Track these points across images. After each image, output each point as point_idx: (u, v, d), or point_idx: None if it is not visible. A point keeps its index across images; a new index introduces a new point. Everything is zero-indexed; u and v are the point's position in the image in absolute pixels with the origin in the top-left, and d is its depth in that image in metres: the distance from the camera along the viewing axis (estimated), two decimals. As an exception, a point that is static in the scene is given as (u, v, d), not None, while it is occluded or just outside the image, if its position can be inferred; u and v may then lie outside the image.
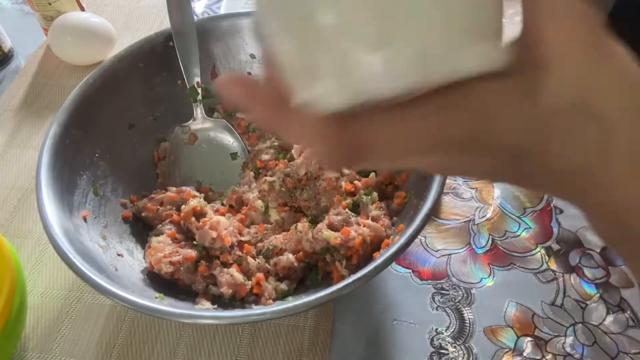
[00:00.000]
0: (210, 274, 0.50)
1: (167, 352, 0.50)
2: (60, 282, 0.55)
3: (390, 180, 0.54)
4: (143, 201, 0.55)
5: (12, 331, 0.46)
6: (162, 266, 0.48)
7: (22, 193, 0.63)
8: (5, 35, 0.81)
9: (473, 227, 0.58)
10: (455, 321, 0.51)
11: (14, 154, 0.68)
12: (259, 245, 0.52)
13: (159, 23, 0.85)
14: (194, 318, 0.40)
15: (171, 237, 0.52)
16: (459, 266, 0.55)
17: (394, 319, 0.51)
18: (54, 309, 0.53)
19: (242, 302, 0.49)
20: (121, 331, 0.51)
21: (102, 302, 0.53)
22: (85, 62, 0.78)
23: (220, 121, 0.61)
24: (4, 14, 0.90)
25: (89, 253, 0.45)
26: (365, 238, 0.48)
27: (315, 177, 0.54)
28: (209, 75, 0.63)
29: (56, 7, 0.77)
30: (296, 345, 0.50)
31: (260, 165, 0.59)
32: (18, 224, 0.61)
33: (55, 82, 0.77)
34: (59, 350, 0.50)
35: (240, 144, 0.60)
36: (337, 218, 0.50)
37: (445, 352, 0.49)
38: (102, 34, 0.77)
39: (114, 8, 0.88)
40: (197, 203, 0.53)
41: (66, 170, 0.50)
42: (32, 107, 0.73)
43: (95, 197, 0.52)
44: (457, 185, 0.61)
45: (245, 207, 0.56)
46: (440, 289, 0.53)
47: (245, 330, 0.51)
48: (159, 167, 0.60)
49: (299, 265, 0.50)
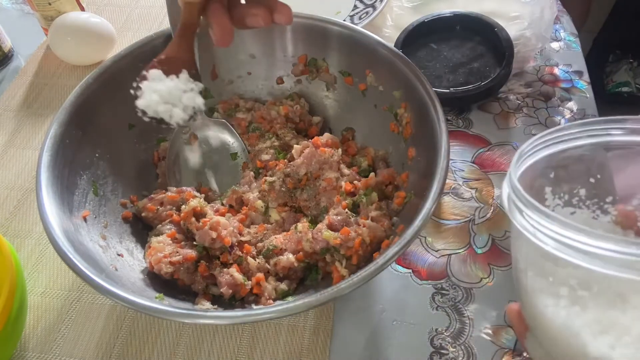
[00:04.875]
0: (210, 274, 0.50)
1: (167, 352, 0.50)
2: (60, 282, 0.55)
3: (390, 180, 0.54)
4: (143, 201, 0.55)
5: (12, 331, 0.46)
6: (162, 266, 0.48)
7: (22, 193, 0.64)
8: (5, 35, 0.81)
9: (473, 227, 0.58)
10: (455, 321, 0.51)
11: (14, 154, 0.68)
12: (259, 245, 0.52)
13: (159, 23, 0.85)
14: (194, 318, 0.40)
15: (171, 237, 0.52)
16: (458, 266, 0.55)
17: (394, 319, 0.51)
18: (54, 309, 0.53)
19: (242, 302, 0.49)
20: (121, 331, 0.51)
21: (102, 302, 0.53)
22: (85, 62, 0.78)
23: (220, 121, 0.61)
24: (4, 14, 0.90)
25: (89, 253, 0.45)
26: (365, 238, 0.48)
27: (315, 177, 0.54)
28: (209, 75, 0.63)
29: (56, 7, 0.77)
30: (296, 345, 0.50)
31: (260, 165, 0.59)
32: (18, 224, 0.61)
33: (55, 82, 0.77)
34: (59, 350, 0.50)
35: (240, 144, 0.60)
36: (337, 218, 0.50)
37: (445, 352, 0.49)
38: (102, 34, 0.77)
39: (114, 8, 0.88)
40: (197, 203, 0.53)
41: (66, 170, 0.50)
42: (32, 107, 0.74)
43: (95, 197, 0.52)
44: (457, 186, 0.61)
45: (245, 207, 0.56)
46: (440, 289, 0.53)
47: (245, 330, 0.51)
48: (159, 167, 0.60)
49: (299, 265, 0.50)
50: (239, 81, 0.64)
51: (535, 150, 0.35)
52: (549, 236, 0.29)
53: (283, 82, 0.64)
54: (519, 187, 0.32)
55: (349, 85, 0.60)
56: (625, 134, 0.35)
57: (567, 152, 0.36)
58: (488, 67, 0.68)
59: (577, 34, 0.80)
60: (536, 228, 0.30)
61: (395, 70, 0.54)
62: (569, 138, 0.35)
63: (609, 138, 0.35)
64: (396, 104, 0.55)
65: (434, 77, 0.68)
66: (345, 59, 0.59)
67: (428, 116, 0.49)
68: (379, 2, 0.76)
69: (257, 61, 0.63)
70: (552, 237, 0.29)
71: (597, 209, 0.36)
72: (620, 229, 0.36)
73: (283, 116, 0.61)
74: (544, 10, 0.71)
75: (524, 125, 0.67)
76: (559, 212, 0.37)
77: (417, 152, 0.51)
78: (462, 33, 0.72)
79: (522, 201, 0.31)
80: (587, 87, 0.71)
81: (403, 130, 0.54)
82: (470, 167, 0.63)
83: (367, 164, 0.57)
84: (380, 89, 0.57)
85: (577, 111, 0.68)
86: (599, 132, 0.35)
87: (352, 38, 0.57)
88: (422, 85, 0.51)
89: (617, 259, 0.27)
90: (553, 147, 0.35)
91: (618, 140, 0.35)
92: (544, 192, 0.37)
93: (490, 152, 0.65)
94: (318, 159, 0.54)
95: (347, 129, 0.61)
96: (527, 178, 0.35)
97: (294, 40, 0.61)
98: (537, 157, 0.35)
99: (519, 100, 0.70)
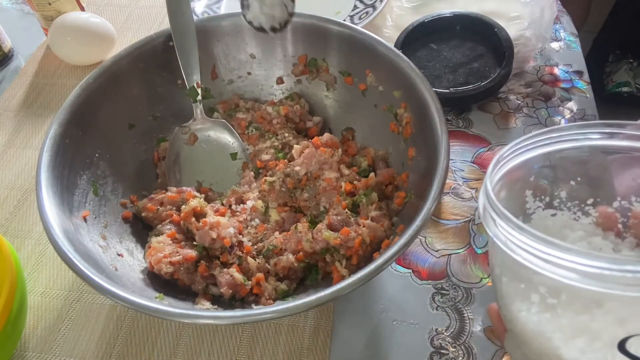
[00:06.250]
0: (210, 274, 0.50)
1: (167, 352, 0.50)
2: (60, 282, 0.55)
3: (390, 180, 0.54)
4: (143, 201, 0.55)
5: (12, 331, 0.46)
6: (162, 266, 0.48)
7: (22, 193, 0.64)
8: (5, 35, 0.81)
9: (473, 227, 0.58)
10: (455, 321, 0.51)
11: (14, 154, 0.68)
12: (259, 245, 0.52)
13: (159, 23, 0.85)
14: (194, 318, 0.40)
15: (171, 237, 0.52)
16: (459, 266, 0.55)
17: (394, 319, 0.51)
18: (54, 309, 0.53)
19: (242, 302, 0.49)
20: (121, 331, 0.51)
21: (102, 302, 0.53)
22: (85, 62, 0.78)
23: (220, 121, 0.61)
24: (4, 14, 0.90)
25: (89, 253, 0.45)
26: (364, 238, 0.48)
27: (315, 177, 0.54)
28: (209, 75, 0.63)
29: (56, 7, 0.77)
30: (296, 345, 0.50)
31: (260, 165, 0.59)
32: (18, 224, 0.61)
33: (55, 82, 0.77)
34: (59, 350, 0.50)
35: (240, 144, 0.60)
36: (336, 218, 0.50)
37: (445, 352, 0.49)
38: (102, 34, 0.77)
39: (114, 8, 0.88)
40: (197, 203, 0.53)
41: (66, 170, 0.50)
42: (32, 107, 0.74)
43: (95, 197, 0.52)
44: (457, 186, 0.61)
45: (245, 206, 0.56)
46: (440, 289, 0.53)
47: (245, 330, 0.51)
48: (159, 167, 0.60)
49: (299, 265, 0.50)
50: (239, 81, 0.64)
51: (512, 157, 0.36)
52: (519, 246, 0.30)
53: (283, 82, 0.64)
54: (493, 197, 0.33)
55: (349, 85, 0.60)
56: (605, 138, 0.36)
57: (549, 155, 0.37)
58: (488, 67, 0.68)
59: (577, 34, 0.80)
60: (508, 238, 0.31)
61: (395, 70, 0.54)
62: (546, 143, 0.36)
63: (588, 142, 0.36)
64: (396, 104, 0.55)
65: (434, 77, 0.68)
66: (345, 59, 0.59)
67: (428, 116, 0.49)
68: (379, 2, 0.76)
69: (257, 61, 0.63)
70: (522, 248, 0.30)
71: (577, 210, 0.37)
72: (601, 231, 0.36)
73: (283, 116, 0.61)
74: (544, 10, 0.71)
75: (524, 125, 0.67)
76: (539, 214, 0.37)
77: (417, 152, 0.51)
78: (462, 33, 0.72)
79: (495, 211, 0.32)
80: (587, 87, 0.71)
81: (403, 130, 0.54)
82: (470, 167, 0.63)
83: (367, 164, 0.57)
84: (380, 89, 0.57)
85: (577, 111, 0.68)
86: (578, 136, 0.36)
87: (352, 38, 0.57)
88: (422, 85, 0.51)
89: (584, 271, 0.28)
90: (531, 152, 0.36)
91: (597, 144, 0.36)
92: (524, 195, 0.37)
93: (490, 152, 0.65)
94: (318, 159, 0.54)
95: (347, 129, 0.61)
96: (507, 182, 0.36)
97: (294, 40, 0.61)
98: (515, 162, 0.36)
99: (519, 100, 0.70)
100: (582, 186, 0.37)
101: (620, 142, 0.35)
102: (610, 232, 0.36)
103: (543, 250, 0.29)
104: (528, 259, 0.30)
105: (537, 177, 0.37)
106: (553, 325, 0.31)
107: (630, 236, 0.36)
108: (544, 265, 0.29)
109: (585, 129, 0.36)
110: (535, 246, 0.29)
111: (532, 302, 0.32)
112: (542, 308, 0.32)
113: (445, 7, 0.76)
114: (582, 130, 0.36)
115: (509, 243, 0.31)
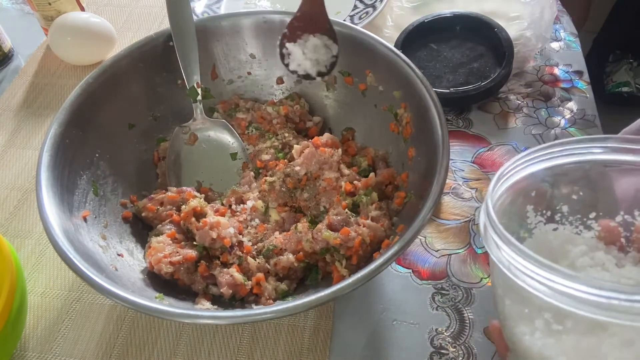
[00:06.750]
0: (210, 274, 0.50)
1: (167, 352, 0.50)
2: (60, 282, 0.55)
3: (390, 180, 0.54)
4: (143, 201, 0.55)
5: (12, 331, 0.46)
6: (162, 266, 0.48)
7: (22, 193, 0.64)
8: (5, 35, 0.81)
9: (473, 227, 0.58)
10: (455, 321, 0.51)
11: (14, 154, 0.68)
12: (259, 245, 0.52)
13: (159, 23, 0.85)
14: (194, 318, 0.40)
15: (171, 237, 0.52)
16: (459, 266, 0.55)
17: (394, 319, 0.51)
18: (54, 309, 0.53)
19: (242, 302, 0.49)
20: (121, 331, 0.51)
21: (102, 302, 0.53)
22: (85, 62, 0.78)
23: (220, 121, 0.61)
24: (4, 14, 0.90)
25: (89, 253, 0.45)
26: (364, 238, 0.48)
27: (315, 177, 0.54)
28: (209, 75, 0.63)
29: (56, 7, 0.77)
30: (296, 345, 0.50)
31: (260, 165, 0.59)
32: (18, 224, 0.61)
33: (55, 82, 0.77)
34: (59, 350, 0.50)
35: (240, 144, 0.60)
36: (337, 218, 0.50)
37: (445, 352, 0.49)
38: (102, 34, 0.77)
39: (114, 8, 0.88)
40: (197, 203, 0.53)
41: (66, 170, 0.50)
42: (32, 107, 0.74)
43: (95, 197, 0.52)
44: (457, 185, 0.61)
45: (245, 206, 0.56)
46: (440, 289, 0.53)
47: (245, 330, 0.51)
48: (159, 167, 0.60)
49: (299, 265, 0.50)
50: (239, 81, 0.64)
51: (512, 174, 0.35)
52: (522, 272, 0.29)
53: (283, 82, 0.64)
54: (494, 217, 0.32)
55: (349, 85, 0.60)
56: (606, 152, 0.35)
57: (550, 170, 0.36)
58: (488, 67, 0.68)
59: (577, 34, 0.80)
60: (511, 263, 0.30)
61: (395, 70, 0.54)
62: (548, 157, 0.36)
63: (589, 157, 0.35)
64: (396, 104, 0.55)
65: (434, 77, 0.68)
66: (345, 59, 0.59)
67: (428, 116, 0.49)
68: (379, 2, 0.76)
69: (257, 61, 0.63)
70: (525, 274, 0.29)
71: (580, 224, 0.36)
72: (604, 245, 0.36)
73: (283, 116, 0.61)
74: (544, 10, 0.71)
75: (524, 125, 0.67)
76: (541, 229, 0.37)
77: (417, 152, 0.51)
78: (462, 33, 0.72)
79: (497, 233, 0.31)
80: (587, 87, 0.71)
81: (403, 130, 0.54)
82: (470, 167, 0.63)
83: (367, 164, 0.57)
84: (380, 89, 0.57)
85: (577, 111, 0.68)
86: (581, 150, 0.35)
87: (352, 38, 0.57)
88: (422, 85, 0.51)
89: (590, 300, 0.27)
90: (532, 167, 0.36)
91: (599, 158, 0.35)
92: (525, 210, 0.37)
93: (490, 152, 0.65)
94: (318, 159, 0.54)
95: (347, 129, 0.61)
96: (508, 198, 0.35)
97: (294, 40, 0.61)
98: (516, 178, 0.36)
99: (519, 100, 0.70)
100: (584, 200, 0.37)
101: (622, 156, 0.35)
102: (612, 246, 0.35)
103: (547, 277, 0.28)
104: (532, 286, 0.29)
105: (538, 192, 0.37)
106: (558, 349, 0.30)
107: (634, 250, 0.35)
108: (548, 292, 0.28)
109: (586, 144, 0.35)
110: (539, 272, 0.28)
111: (535, 328, 0.31)
112: (547, 334, 0.31)
113: (445, 7, 0.76)
114: (583, 145, 0.35)
115: (512, 268, 0.30)
